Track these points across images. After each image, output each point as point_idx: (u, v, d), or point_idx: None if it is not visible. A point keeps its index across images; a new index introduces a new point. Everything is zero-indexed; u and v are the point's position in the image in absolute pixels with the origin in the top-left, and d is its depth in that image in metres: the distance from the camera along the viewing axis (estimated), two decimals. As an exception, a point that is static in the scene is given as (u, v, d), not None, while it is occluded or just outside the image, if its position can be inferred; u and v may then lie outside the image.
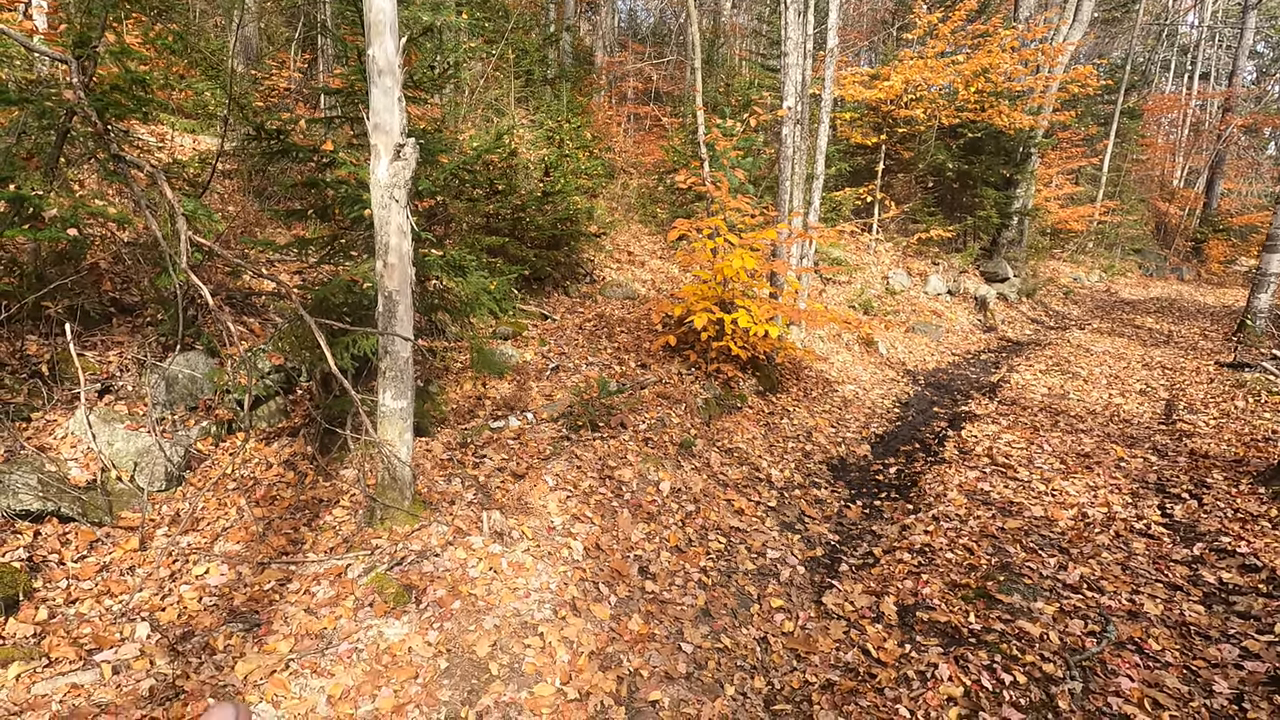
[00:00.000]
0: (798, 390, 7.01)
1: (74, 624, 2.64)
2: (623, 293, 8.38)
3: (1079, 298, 15.70)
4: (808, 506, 4.82)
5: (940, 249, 13.24)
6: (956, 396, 7.67)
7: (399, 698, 2.47)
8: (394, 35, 3.08)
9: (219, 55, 8.24)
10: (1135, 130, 21.26)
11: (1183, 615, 3.20)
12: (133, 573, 2.98)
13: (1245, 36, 20.52)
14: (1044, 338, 11.31)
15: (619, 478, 4.32)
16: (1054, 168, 16.82)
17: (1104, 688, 2.73)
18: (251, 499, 3.60)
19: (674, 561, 3.72)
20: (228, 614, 2.81)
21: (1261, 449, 5.12)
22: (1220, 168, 23.21)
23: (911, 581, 3.61)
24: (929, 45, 12.20)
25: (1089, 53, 23.59)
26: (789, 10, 7.05)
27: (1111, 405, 6.77)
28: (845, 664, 3.07)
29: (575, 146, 9.42)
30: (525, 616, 2.98)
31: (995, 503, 4.47)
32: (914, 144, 13.73)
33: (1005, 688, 2.74)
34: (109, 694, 2.30)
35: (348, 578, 3.04)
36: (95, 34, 3.91)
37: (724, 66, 16.18)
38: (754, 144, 9.41)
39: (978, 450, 5.45)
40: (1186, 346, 10.04)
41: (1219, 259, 21.99)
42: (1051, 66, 12.79)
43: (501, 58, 10.57)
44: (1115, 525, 4.11)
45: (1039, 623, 3.14)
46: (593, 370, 6.10)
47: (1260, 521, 4.01)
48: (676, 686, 2.86)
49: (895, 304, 11.22)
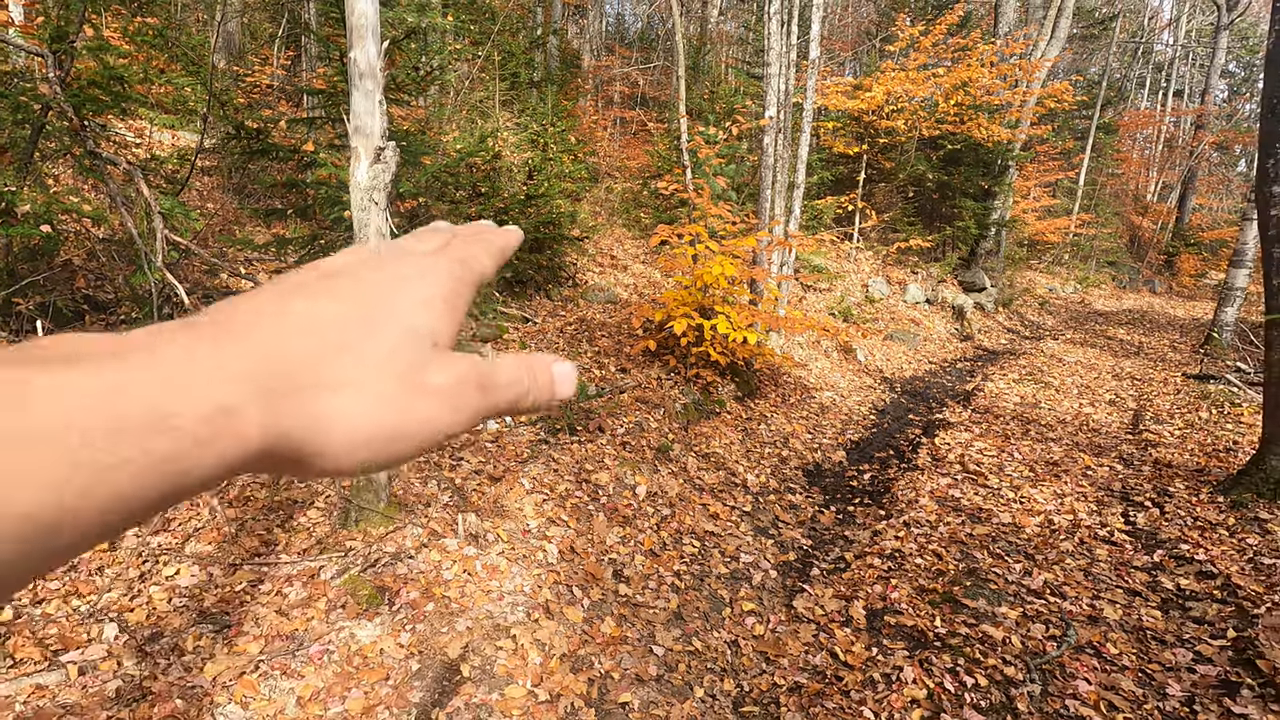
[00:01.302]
0: (776, 396, 7.08)
1: (40, 624, 2.62)
2: (605, 297, 8.42)
3: (1054, 308, 16.00)
4: (782, 511, 4.88)
5: (919, 258, 13.44)
6: (932, 404, 7.80)
7: (369, 699, 2.48)
8: (376, 39, 3.10)
9: (200, 51, 8.17)
10: (1111, 145, 21.75)
11: (1141, 620, 3.30)
12: (101, 573, 2.96)
13: (1217, 56, 21.06)
14: (1019, 347, 11.52)
15: (596, 481, 4.35)
16: (1031, 180, 17.14)
17: (1062, 690, 2.81)
18: (224, 499, 3.59)
19: (648, 565, 3.76)
20: (198, 615, 2.80)
21: (1222, 459, 5.27)
22: (1192, 183, 23.78)
23: (881, 586, 3.68)
24: (911, 58, 12.41)
25: (1066, 68, 24.09)
26: (772, 21, 7.14)
27: (1081, 414, 6.92)
28: (813, 667, 3.13)
29: (560, 150, 9.45)
30: (498, 619, 3.00)
31: (965, 509, 4.57)
32: (895, 154, 13.94)
33: (967, 690, 2.81)
34: (74, 695, 2.29)
35: (321, 579, 3.03)
36: (73, 28, 3.88)
37: (709, 73, 16.30)
38: (737, 151, 9.51)
39: (950, 457, 5.55)
40: (1156, 358, 10.29)
41: (1190, 272, 22.52)
42: (1029, 81, 13.06)
43: (487, 60, 10.58)
44: (1080, 532, 4.22)
45: (1002, 627, 3.22)
46: (573, 374, 6.12)
47: (1218, 530, 4.13)
48: (647, 689, 2.89)
49: (874, 312, 11.37)
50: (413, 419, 0.26)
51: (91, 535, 0.20)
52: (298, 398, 0.24)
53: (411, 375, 0.26)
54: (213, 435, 0.21)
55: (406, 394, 0.26)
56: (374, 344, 0.26)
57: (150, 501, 0.20)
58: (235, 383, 0.22)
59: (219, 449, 0.21)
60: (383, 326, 0.27)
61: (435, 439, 0.27)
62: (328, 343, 0.25)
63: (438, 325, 0.28)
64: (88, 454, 0.19)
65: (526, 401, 0.30)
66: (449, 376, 0.27)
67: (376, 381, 0.25)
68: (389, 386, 0.26)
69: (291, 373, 0.24)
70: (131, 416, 0.20)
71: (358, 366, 0.25)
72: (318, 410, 0.24)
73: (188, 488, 0.21)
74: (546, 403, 0.31)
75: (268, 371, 0.23)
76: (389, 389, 0.25)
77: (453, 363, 0.27)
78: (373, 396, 0.25)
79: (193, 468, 0.21)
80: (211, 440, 0.21)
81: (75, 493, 0.19)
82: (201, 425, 0.21)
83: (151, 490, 0.20)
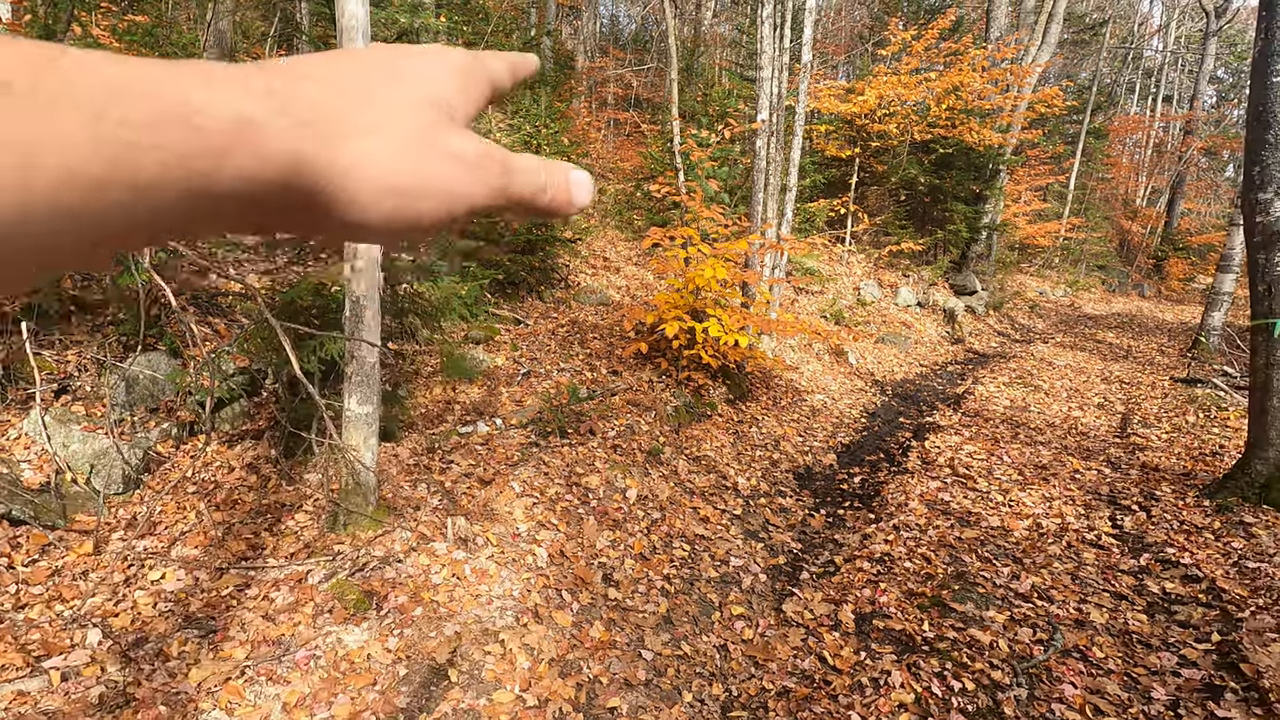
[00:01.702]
0: (767, 399, 7.10)
1: (23, 630, 2.59)
2: (597, 299, 8.41)
3: (1044, 312, 16.10)
4: (772, 515, 4.89)
5: (911, 261, 13.50)
6: (922, 407, 7.83)
7: (356, 705, 2.47)
8: (366, 41, 3.09)
9: (191, 49, 8.11)
10: (1101, 150, 21.92)
11: (1127, 624, 3.32)
12: (86, 577, 2.93)
13: (1206, 62, 21.27)
14: (1009, 350, 11.59)
15: (586, 485, 4.35)
16: (1022, 184, 17.25)
17: (1049, 694, 2.82)
18: (211, 503, 3.56)
19: (638, 569, 3.76)
20: (183, 620, 2.78)
21: (1209, 463, 5.32)
22: (1181, 188, 24.01)
23: (870, 590, 3.69)
24: (903, 62, 12.47)
25: (1057, 74, 24.26)
26: (765, 24, 7.16)
27: (1070, 418, 6.97)
28: (802, 671, 3.13)
29: (553, 152, 9.44)
30: (487, 623, 2.99)
31: (954, 513, 4.59)
32: (887, 158, 14.00)
33: (954, 694, 2.82)
34: (56, 701, 2.27)
35: (308, 583, 3.02)
36: (60, 26, 3.85)
37: (703, 76, 16.32)
38: (730, 154, 9.52)
39: (940, 461, 5.57)
40: (1144, 362, 10.37)
41: (1179, 276, 22.72)
42: (1020, 86, 13.14)
43: (480, 61, 10.54)
44: (1068, 536, 4.24)
45: (990, 631, 3.23)
46: (564, 376, 6.12)
47: (1204, 534, 4.16)
48: (635, 693, 2.89)
49: (866, 315, 11.41)
50: (437, 176, 0.26)
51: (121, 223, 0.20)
52: (327, 132, 0.24)
53: (434, 134, 0.27)
54: (234, 144, 0.22)
55: (430, 150, 0.26)
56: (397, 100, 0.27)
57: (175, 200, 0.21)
58: (260, 98, 0.23)
59: (239, 162, 0.22)
60: (405, 87, 0.27)
61: (458, 206, 0.27)
62: (354, 93, 0.26)
63: (456, 99, 0.29)
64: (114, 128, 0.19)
65: (544, 199, 0.30)
66: (471, 146, 0.28)
67: (401, 131, 0.26)
68: (413, 138, 0.26)
69: (319, 110, 0.24)
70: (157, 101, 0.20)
71: (383, 116, 0.26)
72: (344, 151, 0.24)
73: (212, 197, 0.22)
74: (564, 205, 0.31)
75: (295, 101, 0.24)
76: (413, 141, 0.26)
77: (474, 136, 0.28)
78: (398, 143, 0.26)
79: (215, 173, 0.21)
80: (233, 149, 0.22)
81: (104, 162, 0.19)
82: (223, 131, 0.21)
83: (175, 186, 0.21)
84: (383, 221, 0.26)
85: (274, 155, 0.23)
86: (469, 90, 0.30)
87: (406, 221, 0.26)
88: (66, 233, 0.19)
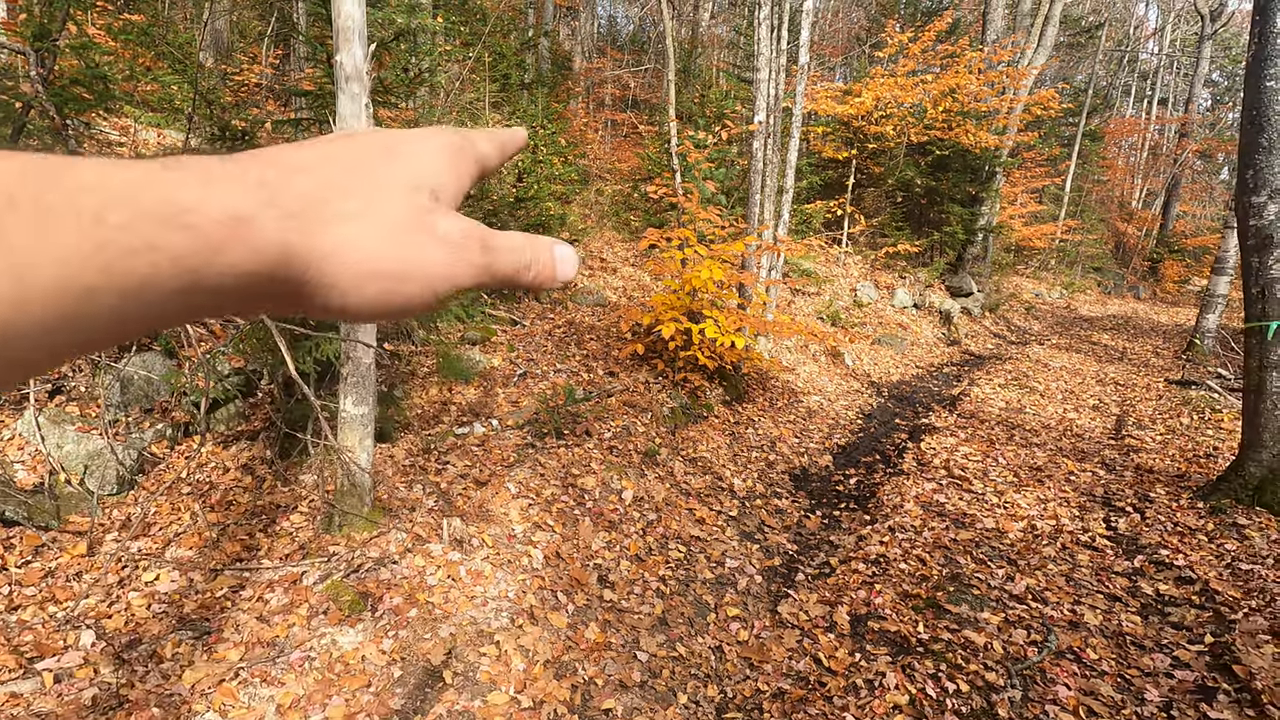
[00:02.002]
0: (764, 400, 7.11)
1: (15, 631, 2.58)
2: (594, 299, 8.42)
3: (1040, 313, 16.15)
4: (768, 516, 4.89)
5: (907, 263, 13.52)
6: (918, 409, 7.84)
7: (350, 706, 2.47)
8: (362, 42, 3.09)
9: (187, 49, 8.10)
10: (1096, 152, 21.99)
11: (1120, 625, 3.33)
12: (79, 579, 2.92)
13: (1201, 65, 21.35)
14: (1005, 352, 11.62)
15: (582, 486, 4.35)
16: (1018, 186, 17.30)
17: (1042, 696, 2.83)
18: (206, 504, 3.55)
19: (633, 570, 3.76)
20: (177, 621, 2.77)
21: (1202, 465, 5.34)
22: (1176, 190, 24.10)
23: (865, 591, 3.70)
24: (900, 64, 12.50)
25: (1053, 76, 24.33)
26: (762, 26, 7.18)
27: (1065, 420, 6.99)
28: (797, 673, 3.14)
29: (550, 153, 9.44)
30: (482, 625, 2.98)
31: (950, 514, 4.60)
32: (884, 159, 14.03)
33: (948, 696, 2.82)
34: (49, 703, 2.26)
35: (303, 585, 3.01)
36: (56, 26, 3.84)
37: (700, 77, 16.34)
38: (726, 155, 9.53)
39: (935, 462, 5.58)
40: (1139, 363, 10.40)
41: (1174, 279, 22.81)
42: (1017, 89, 13.18)
43: (478, 61, 10.55)
44: (1062, 537, 4.25)
45: (984, 632, 3.24)
46: (560, 377, 6.12)
47: (1197, 535, 4.18)
48: (630, 695, 2.89)
49: (862, 316, 11.43)
50: (420, 260, 0.27)
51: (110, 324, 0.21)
52: (311, 220, 0.25)
53: (418, 218, 0.28)
54: (227, 239, 0.22)
55: (413, 235, 0.27)
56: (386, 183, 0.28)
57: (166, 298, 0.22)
58: (251, 193, 0.24)
59: (232, 257, 0.23)
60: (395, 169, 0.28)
61: (441, 287, 0.28)
62: (341, 180, 0.27)
63: (441, 180, 0.30)
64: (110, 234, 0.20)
65: (528, 275, 0.31)
66: (454, 227, 0.28)
67: (387, 216, 0.27)
68: (398, 223, 0.27)
69: (306, 200, 0.25)
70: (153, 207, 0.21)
71: (368, 202, 0.27)
72: (330, 237, 0.25)
73: (202, 292, 0.22)
74: (548, 281, 0.32)
75: (284, 193, 0.25)
76: (398, 225, 0.27)
77: (458, 217, 0.29)
78: (383, 228, 0.26)
79: (206, 269, 0.22)
80: (225, 245, 0.22)
81: (97, 269, 0.20)
82: (216, 227, 0.22)
83: (167, 284, 0.21)
84: (366, 305, 0.26)
85: (264, 247, 0.23)
86: (458, 170, 0.31)
87: (391, 304, 0.27)
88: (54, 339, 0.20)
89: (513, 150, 0.36)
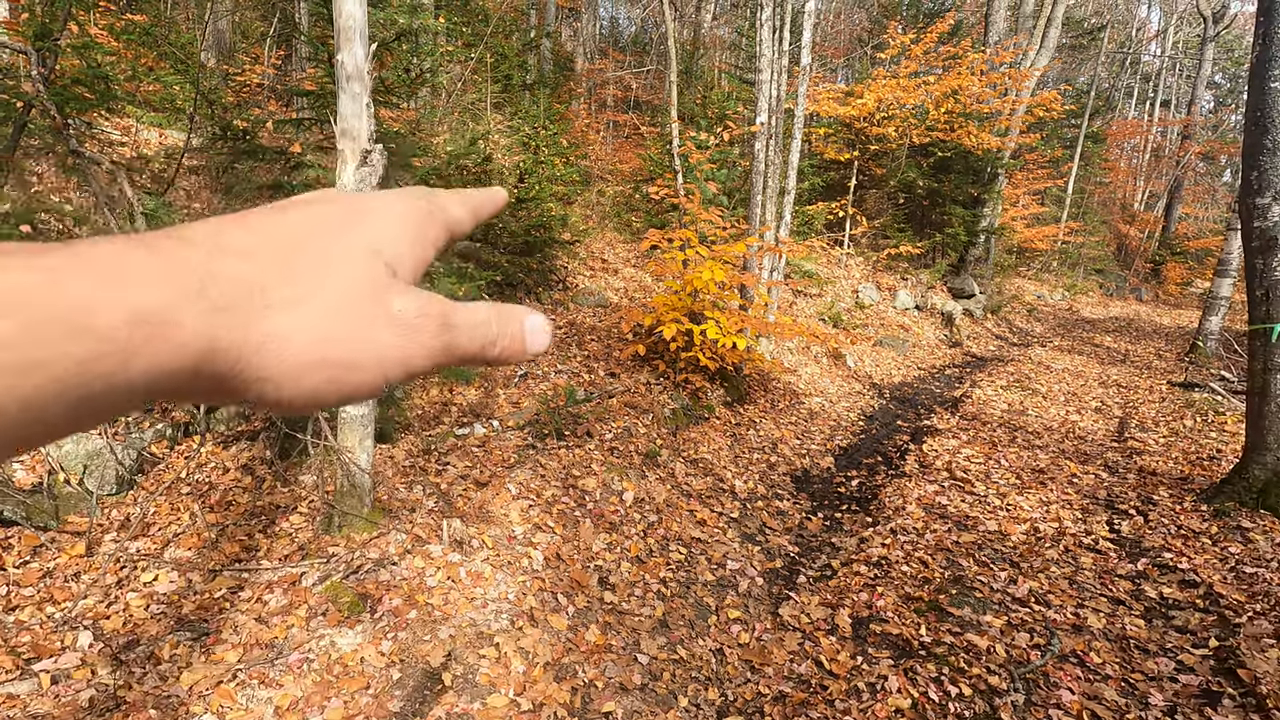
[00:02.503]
0: (765, 402, 7.09)
1: (13, 632, 2.57)
2: (595, 300, 8.40)
3: (1042, 315, 16.12)
4: (769, 518, 4.87)
5: (909, 264, 13.50)
6: (920, 410, 7.82)
7: (348, 709, 2.45)
8: (363, 42, 3.08)
9: (189, 49, 8.10)
10: (1099, 154, 21.96)
11: (1124, 629, 3.31)
12: (78, 579, 2.91)
13: (1203, 67, 21.32)
14: (1007, 354, 11.59)
15: (583, 487, 4.33)
16: (1020, 188, 17.27)
17: (1045, 700, 2.81)
18: (205, 504, 3.54)
19: (634, 572, 3.74)
20: (176, 622, 2.76)
21: (1206, 467, 5.31)
22: (1179, 193, 24.06)
23: (867, 594, 3.68)
24: (902, 65, 12.48)
25: (1056, 78, 24.31)
26: (764, 28, 7.16)
27: (1068, 422, 6.96)
28: (798, 676, 3.12)
29: (551, 153, 9.43)
30: (481, 626, 2.97)
31: (952, 516, 4.57)
32: (886, 161, 14.02)
33: (951, 699, 2.80)
34: (46, 704, 2.25)
35: (302, 586, 3.00)
36: (57, 25, 3.84)
37: (702, 78, 16.33)
38: (728, 156, 9.52)
39: (937, 464, 5.56)
40: (1142, 365, 10.37)
41: (1176, 281, 22.76)
42: (1019, 90, 13.16)
43: (480, 62, 10.55)
44: (1065, 540, 4.23)
45: (987, 636, 3.22)
46: (561, 378, 6.10)
47: (1201, 538, 4.16)
48: (631, 698, 2.87)
49: (864, 317, 11.41)
50: (369, 345, 0.25)
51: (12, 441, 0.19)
52: (243, 312, 0.22)
53: (369, 300, 0.25)
54: (142, 340, 0.20)
55: (361, 316, 0.25)
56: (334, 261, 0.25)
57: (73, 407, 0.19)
58: (168, 287, 0.21)
59: (151, 357, 0.20)
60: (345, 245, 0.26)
61: (394, 372, 0.26)
62: (282, 262, 0.24)
63: (399, 253, 0.27)
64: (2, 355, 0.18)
65: (494, 351, 0.29)
66: (410, 305, 0.26)
67: (331, 299, 0.24)
68: (343, 306, 0.24)
69: (241, 288, 0.23)
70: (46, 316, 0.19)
71: (311, 286, 0.24)
72: (263, 329, 0.23)
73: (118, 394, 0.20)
74: (516, 356, 0.30)
75: (215, 282, 0.22)
76: (343, 309, 0.24)
77: (414, 294, 0.27)
78: (328, 314, 0.24)
79: (119, 373, 0.20)
80: (141, 346, 0.20)
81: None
82: (126, 328, 0.20)
83: (74, 394, 0.19)
84: (303, 396, 0.24)
85: (187, 343, 0.21)
86: (423, 239, 0.29)
87: (338, 393, 0.24)
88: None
89: (488, 214, 0.33)
